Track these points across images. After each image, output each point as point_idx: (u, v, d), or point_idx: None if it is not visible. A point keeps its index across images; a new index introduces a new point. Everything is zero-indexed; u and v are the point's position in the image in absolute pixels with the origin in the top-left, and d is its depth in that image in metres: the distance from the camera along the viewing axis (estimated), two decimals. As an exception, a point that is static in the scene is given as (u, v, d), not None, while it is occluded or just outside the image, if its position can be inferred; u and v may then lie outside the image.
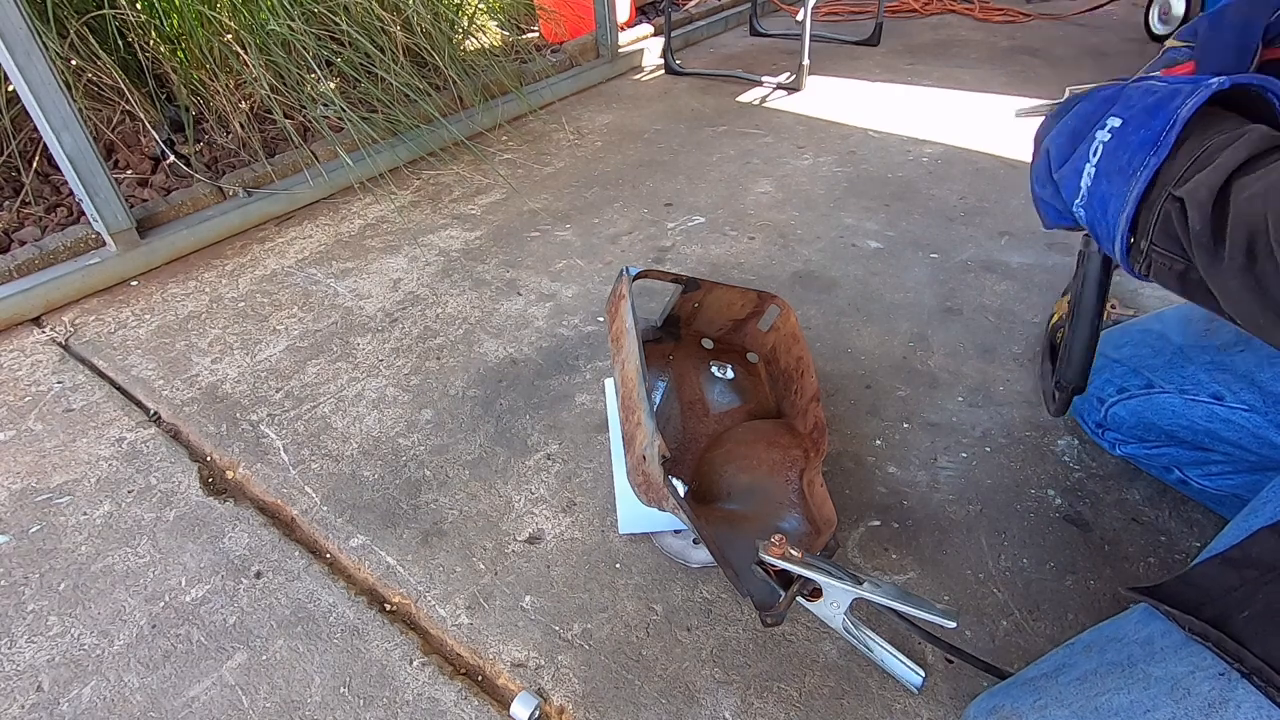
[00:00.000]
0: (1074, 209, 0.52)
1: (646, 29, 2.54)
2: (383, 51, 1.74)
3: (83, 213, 1.44)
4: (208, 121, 1.76)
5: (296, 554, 0.86)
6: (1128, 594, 0.51)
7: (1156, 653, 0.47)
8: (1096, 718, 0.46)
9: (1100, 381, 0.84)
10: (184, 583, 0.83)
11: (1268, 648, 0.40)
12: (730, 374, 1.00)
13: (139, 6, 1.63)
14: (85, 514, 0.92)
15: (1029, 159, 0.58)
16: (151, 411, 1.09)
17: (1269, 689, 0.39)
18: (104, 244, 1.40)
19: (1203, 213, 0.41)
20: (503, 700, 0.70)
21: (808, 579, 0.65)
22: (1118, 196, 0.47)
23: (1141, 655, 0.47)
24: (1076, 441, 0.94)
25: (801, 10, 2.10)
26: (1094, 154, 0.49)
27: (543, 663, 0.73)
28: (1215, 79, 0.44)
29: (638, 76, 2.39)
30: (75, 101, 1.27)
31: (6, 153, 1.55)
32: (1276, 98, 0.44)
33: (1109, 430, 0.87)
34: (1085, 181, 0.50)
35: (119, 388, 1.13)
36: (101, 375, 1.16)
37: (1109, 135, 0.48)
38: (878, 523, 0.85)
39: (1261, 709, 0.40)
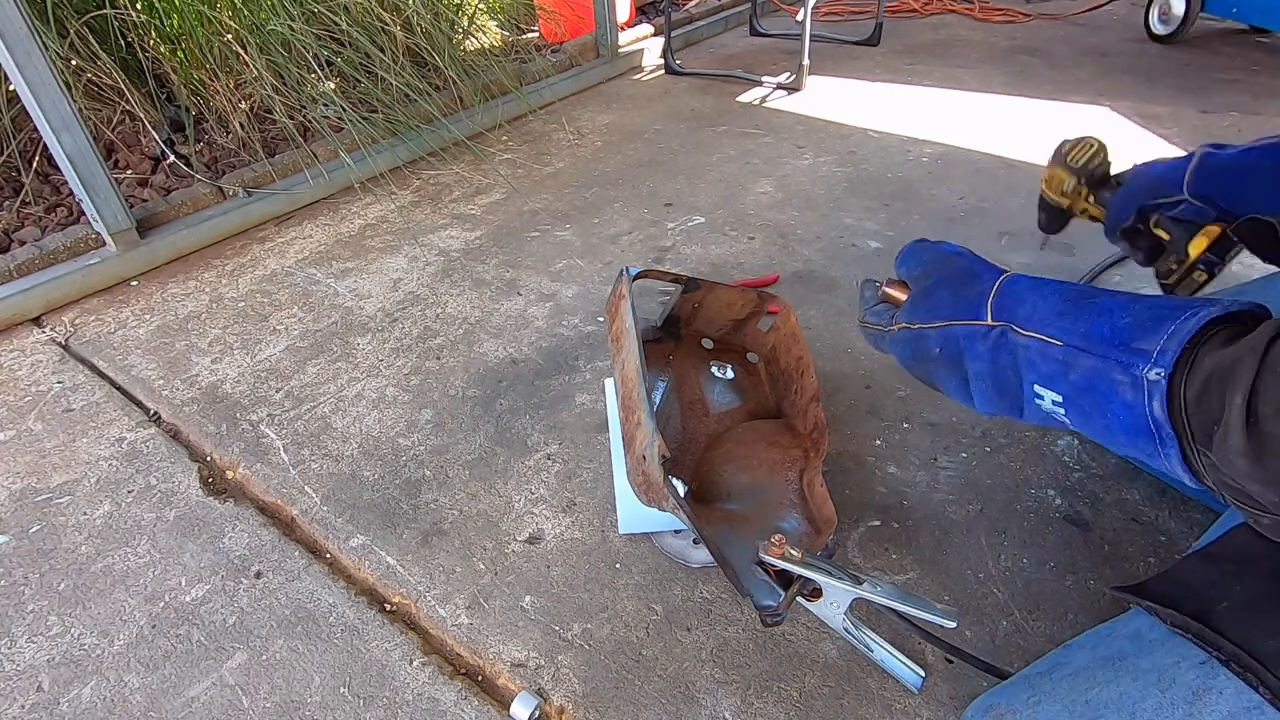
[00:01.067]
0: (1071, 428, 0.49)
1: (646, 29, 2.54)
2: (383, 51, 1.75)
3: (83, 213, 1.44)
4: (208, 121, 1.76)
5: (296, 554, 0.86)
6: (1113, 593, 0.52)
7: (1144, 646, 0.48)
8: (1088, 710, 0.47)
9: None
10: (184, 583, 0.83)
11: (1245, 635, 0.42)
12: (730, 374, 1.00)
13: (139, 6, 1.63)
14: (85, 514, 0.92)
15: (1030, 160, 0.58)
16: (151, 411, 1.09)
17: (1247, 674, 0.41)
18: (104, 244, 1.40)
19: (1257, 476, 0.36)
20: (503, 700, 0.70)
21: (808, 579, 0.65)
22: (1147, 465, 0.43)
23: (1131, 650, 0.49)
24: (1076, 442, 0.94)
25: (801, 10, 2.10)
26: (1055, 414, 0.46)
27: (543, 663, 0.73)
28: (1154, 369, 0.39)
29: (638, 76, 2.39)
30: (75, 101, 1.27)
31: (6, 153, 1.55)
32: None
33: None
34: (1070, 428, 0.47)
35: (119, 388, 1.13)
36: (101, 375, 1.16)
37: (1061, 410, 0.45)
38: (878, 523, 0.85)
39: (1242, 694, 0.41)
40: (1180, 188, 0.77)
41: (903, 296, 0.59)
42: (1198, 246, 0.77)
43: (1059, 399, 0.45)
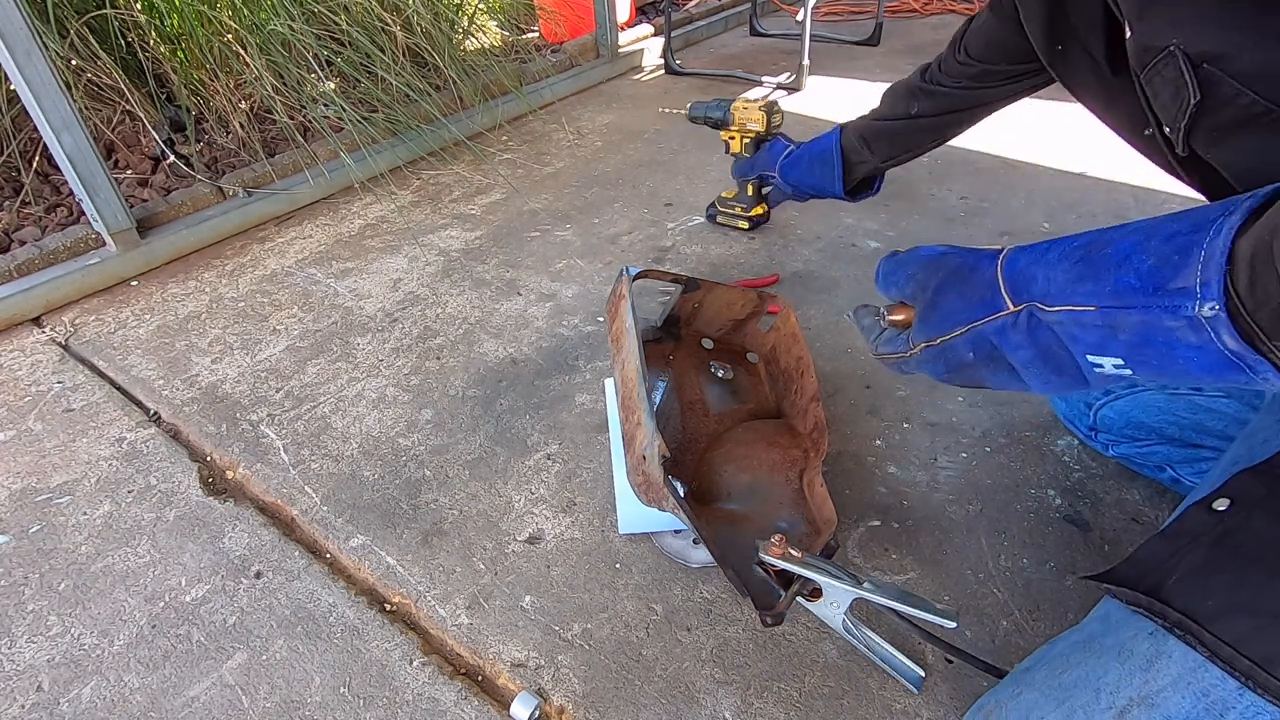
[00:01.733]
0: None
1: (646, 29, 2.54)
2: (383, 51, 1.75)
3: (83, 213, 1.45)
4: (208, 121, 1.76)
5: (296, 554, 0.86)
6: (1081, 580, 0.54)
7: (1110, 627, 0.51)
8: (1060, 692, 0.50)
9: None
10: (184, 583, 0.83)
11: (1187, 603, 0.44)
12: (730, 374, 1.00)
13: (139, 6, 1.63)
14: (85, 514, 0.92)
15: (1031, 160, 0.57)
16: (151, 411, 1.09)
17: (1188, 637, 0.44)
18: (104, 244, 1.40)
19: None
20: (503, 700, 0.70)
21: (808, 579, 0.66)
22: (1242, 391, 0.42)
23: (1099, 631, 0.51)
24: (1076, 442, 0.94)
25: (801, 10, 2.10)
26: (1123, 376, 0.43)
27: (543, 663, 0.73)
28: (1207, 305, 0.36)
29: (638, 76, 2.39)
30: (75, 101, 1.27)
31: (6, 153, 1.55)
32: None
33: (1100, 432, 0.88)
34: (1128, 378, 0.45)
35: (119, 388, 1.13)
36: (101, 375, 1.16)
37: (1128, 371, 0.42)
38: (878, 523, 0.85)
39: (1187, 655, 0.44)
40: (774, 168, 1.26)
41: (906, 317, 0.57)
42: (758, 210, 1.41)
43: (1119, 362, 0.42)
